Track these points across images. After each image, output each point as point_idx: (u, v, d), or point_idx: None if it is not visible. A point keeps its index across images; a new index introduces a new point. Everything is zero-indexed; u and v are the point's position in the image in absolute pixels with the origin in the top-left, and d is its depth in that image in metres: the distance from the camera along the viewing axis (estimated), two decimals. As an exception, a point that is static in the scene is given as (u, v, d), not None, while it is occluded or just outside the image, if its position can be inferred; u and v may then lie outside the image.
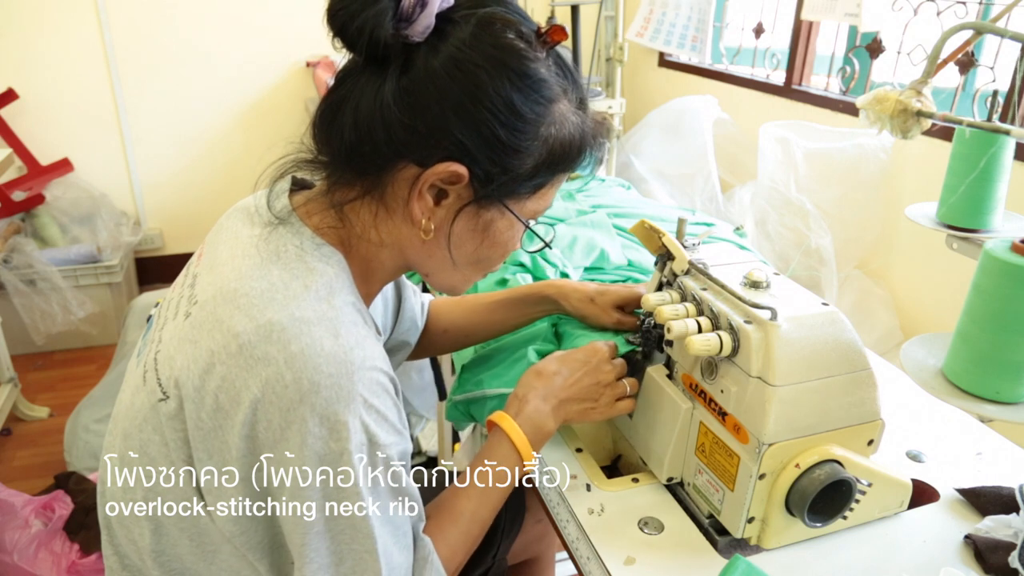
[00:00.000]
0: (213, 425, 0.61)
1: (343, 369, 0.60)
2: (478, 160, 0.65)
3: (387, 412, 0.64)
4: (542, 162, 0.68)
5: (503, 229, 0.72)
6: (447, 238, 0.70)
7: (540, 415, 0.81)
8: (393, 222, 0.70)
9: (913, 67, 2.06)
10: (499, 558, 1.13)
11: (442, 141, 0.64)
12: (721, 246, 1.06)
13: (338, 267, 0.68)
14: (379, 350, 0.66)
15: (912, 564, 0.75)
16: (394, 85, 0.63)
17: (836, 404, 0.73)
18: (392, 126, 0.64)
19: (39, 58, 2.89)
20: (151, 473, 0.66)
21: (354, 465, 0.60)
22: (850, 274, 2.13)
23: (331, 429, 0.59)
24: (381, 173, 0.67)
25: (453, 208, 0.68)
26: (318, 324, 0.61)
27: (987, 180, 0.95)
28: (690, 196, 2.51)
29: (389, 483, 0.65)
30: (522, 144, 0.66)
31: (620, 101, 2.14)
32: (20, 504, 1.69)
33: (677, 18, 2.45)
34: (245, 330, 0.61)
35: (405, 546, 0.68)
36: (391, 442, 0.64)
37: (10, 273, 2.64)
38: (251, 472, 0.62)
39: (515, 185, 0.68)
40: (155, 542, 0.68)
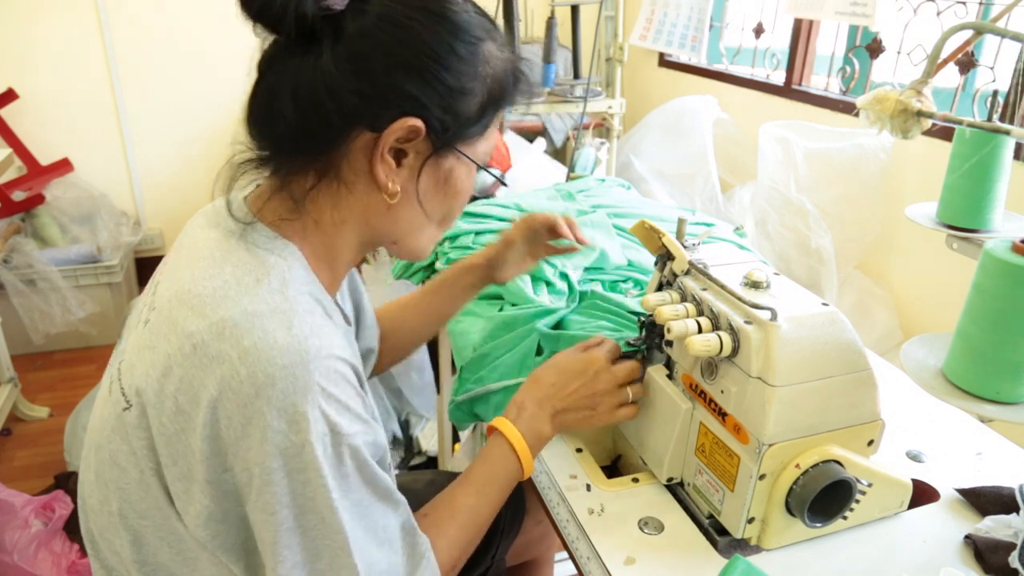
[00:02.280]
0: (176, 429, 0.61)
1: (297, 359, 0.59)
2: (431, 110, 0.65)
3: (348, 401, 0.63)
4: (486, 100, 0.70)
5: (463, 176, 0.73)
6: (416, 196, 0.70)
7: (537, 421, 0.83)
8: (355, 196, 0.69)
9: (913, 67, 2.06)
10: (498, 558, 1.13)
11: (392, 98, 0.64)
12: (721, 246, 1.06)
13: (292, 258, 0.67)
14: (338, 338, 0.65)
15: (912, 564, 0.75)
16: (330, 55, 0.63)
17: (836, 404, 0.73)
18: (340, 95, 0.63)
19: (39, 58, 2.89)
20: (123, 484, 0.65)
21: (317, 456, 0.59)
22: (850, 274, 2.13)
23: (290, 421, 0.58)
24: (333, 150, 0.66)
25: (415, 165, 0.69)
26: (271, 317, 0.60)
27: (987, 180, 0.95)
28: (690, 196, 2.51)
29: (357, 474, 0.63)
30: (467, 86, 0.67)
31: (620, 101, 2.14)
32: (20, 504, 1.69)
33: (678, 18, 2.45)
34: (198, 330, 0.60)
35: (385, 541, 0.66)
36: (355, 431, 0.62)
37: (10, 273, 2.64)
38: (217, 474, 0.61)
39: (467, 129, 0.69)
40: (136, 552, 0.67)
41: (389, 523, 0.67)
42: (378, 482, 0.66)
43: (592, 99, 2.04)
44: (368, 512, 0.65)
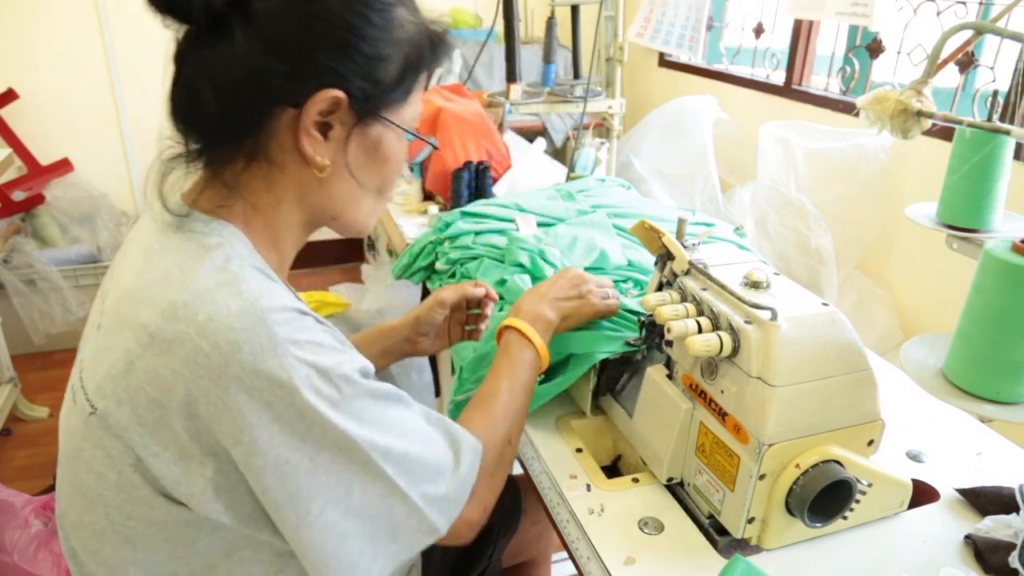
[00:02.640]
0: (154, 418, 0.60)
1: (255, 318, 0.59)
2: (350, 80, 0.66)
3: (319, 339, 0.63)
4: (404, 65, 0.70)
5: (392, 143, 0.73)
6: (347, 168, 0.71)
7: (538, 307, 0.92)
8: (287, 176, 0.70)
9: (913, 67, 2.06)
10: (495, 559, 1.13)
11: (310, 71, 0.64)
12: (721, 246, 1.06)
13: (231, 236, 0.67)
14: (290, 297, 0.65)
15: (912, 564, 0.75)
16: (243, 39, 0.63)
17: (836, 404, 0.73)
18: (256, 76, 0.63)
19: (39, 58, 2.89)
20: (103, 490, 0.64)
21: (307, 399, 0.60)
22: (850, 274, 2.13)
23: (269, 378, 0.59)
24: (259, 132, 0.67)
25: (342, 137, 0.69)
26: (219, 289, 0.61)
27: (987, 180, 0.95)
28: (690, 196, 2.50)
29: (365, 396, 0.64)
30: (383, 52, 0.67)
31: (620, 101, 2.14)
32: (20, 504, 1.69)
33: (676, 18, 2.46)
34: (151, 319, 0.60)
35: (421, 438, 0.68)
36: (340, 361, 0.63)
37: (10, 273, 2.64)
38: (213, 447, 0.61)
39: (388, 95, 0.70)
40: (131, 555, 0.66)
41: (416, 423, 0.69)
42: (385, 393, 0.67)
43: (592, 99, 2.03)
44: (391, 423, 0.66)
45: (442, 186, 1.80)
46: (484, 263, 1.28)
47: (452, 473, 0.70)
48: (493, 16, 1.88)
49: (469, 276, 1.28)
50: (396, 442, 0.65)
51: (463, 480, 0.71)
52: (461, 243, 1.34)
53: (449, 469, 0.70)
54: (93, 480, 0.65)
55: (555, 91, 2.07)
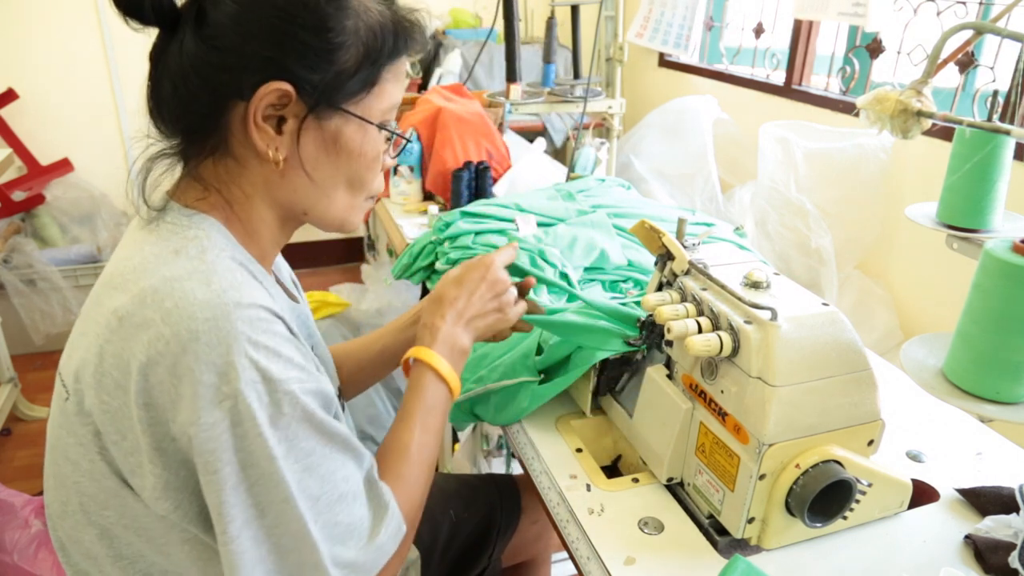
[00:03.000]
0: (118, 404, 0.61)
1: (220, 311, 0.59)
2: (295, 72, 0.65)
3: (279, 347, 0.61)
4: (361, 55, 0.68)
5: (353, 136, 0.70)
6: (301, 162, 0.69)
7: (452, 336, 0.83)
8: (248, 169, 0.69)
9: (913, 67, 2.06)
10: (495, 559, 1.13)
11: (253, 65, 0.64)
12: (721, 246, 1.06)
13: (210, 228, 0.67)
14: (262, 293, 0.64)
15: (912, 564, 0.75)
16: (193, 35, 0.64)
17: (836, 404, 0.73)
18: (203, 71, 0.64)
19: (39, 58, 2.89)
20: (77, 478, 0.65)
21: (250, 404, 0.58)
22: (850, 274, 2.13)
23: (220, 373, 0.57)
24: (217, 126, 0.67)
25: (295, 130, 0.68)
26: (189, 278, 0.61)
27: (987, 180, 0.95)
28: (690, 196, 2.51)
29: (303, 422, 0.61)
30: (332, 41, 0.66)
31: (620, 101, 2.14)
32: (20, 504, 1.69)
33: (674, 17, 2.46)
34: (122, 304, 0.61)
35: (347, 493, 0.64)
36: (290, 377, 0.61)
37: (10, 273, 2.64)
38: (164, 442, 0.60)
39: (344, 85, 0.68)
40: (108, 547, 0.66)
41: (349, 473, 0.65)
42: (331, 430, 0.64)
43: (592, 99, 2.04)
44: (321, 462, 0.63)
45: (442, 186, 1.80)
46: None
47: (367, 540, 0.66)
48: (493, 16, 1.88)
49: None
50: (318, 487, 0.62)
51: (379, 551, 0.67)
52: (461, 243, 1.34)
53: (365, 535, 0.66)
54: (69, 468, 0.65)
55: (555, 91, 2.07)
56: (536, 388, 0.95)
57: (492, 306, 0.87)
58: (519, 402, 0.97)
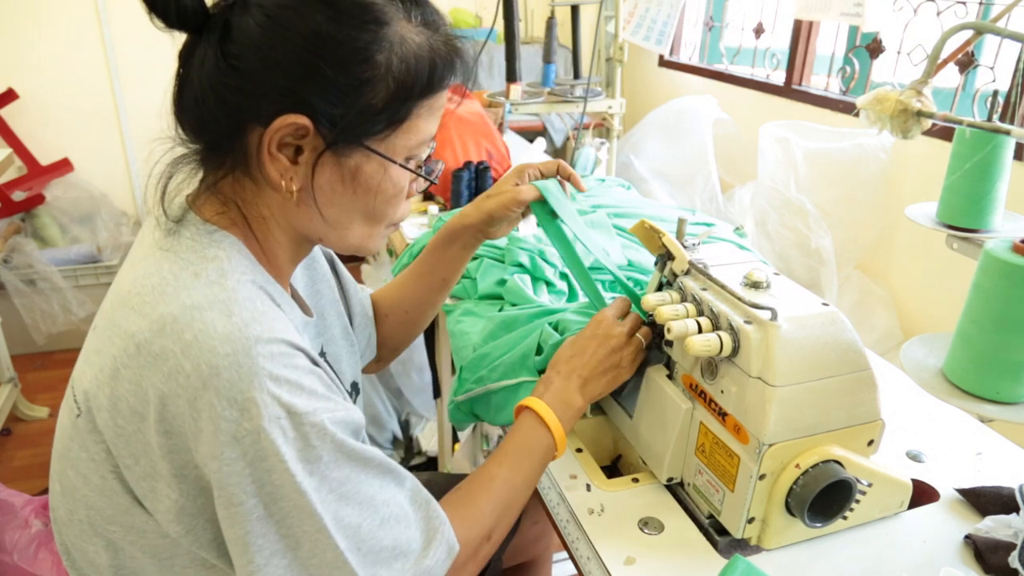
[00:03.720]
0: (132, 429, 0.60)
1: (240, 346, 0.57)
2: (315, 105, 0.62)
3: (302, 381, 0.60)
4: (391, 92, 0.64)
5: (373, 173, 0.67)
6: (311, 195, 0.67)
7: (566, 392, 0.83)
8: (265, 193, 0.67)
9: (913, 67, 2.06)
10: (495, 559, 1.13)
11: (271, 95, 0.61)
12: (721, 246, 1.06)
13: (231, 248, 0.65)
14: (284, 323, 0.63)
15: (912, 564, 0.75)
16: (215, 51, 0.61)
17: (836, 404, 0.73)
18: (220, 92, 0.62)
19: (39, 58, 2.89)
20: (86, 492, 0.64)
21: (274, 440, 0.57)
22: (850, 274, 2.13)
23: (241, 409, 0.56)
24: (235, 146, 0.65)
25: (311, 162, 0.65)
26: (210, 308, 0.59)
27: (987, 180, 0.95)
28: (690, 196, 2.51)
29: (335, 451, 0.60)
30: (358, 77, 0.62)
31: (620, 101, 2.14)
32: (20, 504, 1.69)
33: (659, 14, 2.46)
34: (140, 329, 0.59)
35: (389, 517, 0.63)
36: (315, 408, 0.59)
37: (10, 273, 2.64)
38: (184, 468, 0.59)
39: (368, 123, 0.64)
40: (112, 559, 0.66)
41: (390, 496, 0.64)
42: (365, 456, 0.63)
43: (592, 99, 2.03)
44: (358, 488, 0.62)
45: (442, 186, 1.80)
46: (484, 263, 1.28)
47: (414, 562, 0.64)
48: (493, 16, 1.88)
49: (469, 276, 1.28)
50: (356, 514, 0.61)
51: (426, 573, 0.65)
52: (461, 243, 1.33)
53: (412, 556, 0.64)
54: (79, 481, 0.64)
55: (555, 91, 2.07)
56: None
57: (610, 363, 0.85)
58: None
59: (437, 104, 0.69)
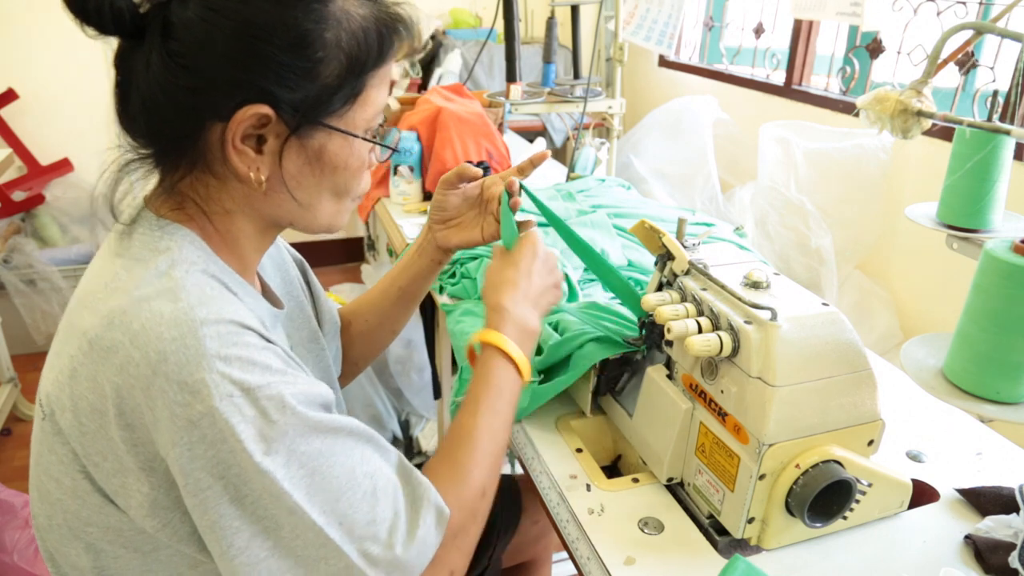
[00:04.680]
0: (95, 427, 0.59)
1: (186, 329, 0.56)
2: (274, 93, 0.61)
3: (253, 356, 0.58)
4: (343, 68, 0.64)
5: (337, 150, 0.67)
6: (283, 182, 0.67)
7: (522, 317, 0.81)
8: (229, 187, 0.67)
9: (913, 67, 2.06)
10: (495, 559, 1.13)
11: (228, 89, 0.60)
12: (721, 246, 1.06)
13: (182, 240, 0.64)
14: (236, 307, 0.61)
15: (912, 564, 0.75)
16: (159, 53, 0.60)
17: (836, 404, 0.73)
18: (173, 94, 0.60)
19: (39, 58, 2.89)
20: (60, 495, 0.64)
21: (228, 420, 0.55)
22: (850, 274, 2.13)
23: (192, 392, 0.55)
24: (193, 145, 0.64)
25: (277, 149, 0.65)
26: (157, 297, 0.58)
27: (987, 180, 0.95)
28: (690, 196, 2.51)
29: (300, 424, 0.58)
30: (311, 58, 0.62)
31: (620, 101, 2.14)
32: (20, 504, 1.69)
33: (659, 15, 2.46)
34: (91, 326, 0.59)
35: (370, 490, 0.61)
36: (270, 381, 0.58)
37: (10, 273, 2.64)
38: (151, 461, 0.59)
39: (327, 102, 0.64)
40: (94, 561, 0.65)
41: (374, 468, 0.62)
42: (339, 426, 0.61)
43: (592, 99, 2.03)
44: (333, 462, 0.60)
45: (442, 186, 1.79)
46: (484, 263, 1.28)
47: (406, 534, 0.62)
48: (493, 16, 1.88)
49: (469, 276, 1.28)
50: (333, 488, 0.59)
51: (421, 544, 0.63)
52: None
53: (401, 529, 0.62)
54: (52, 485, 0.64)
55: (555, 91, 2.07)
56: (536, 388, 0.95)
57: (550, 281, 0.86)
58: (519, 402, 0.97)
59: (386, 73, 0.69)
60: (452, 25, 3.25)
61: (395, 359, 2.19)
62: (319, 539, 0.58)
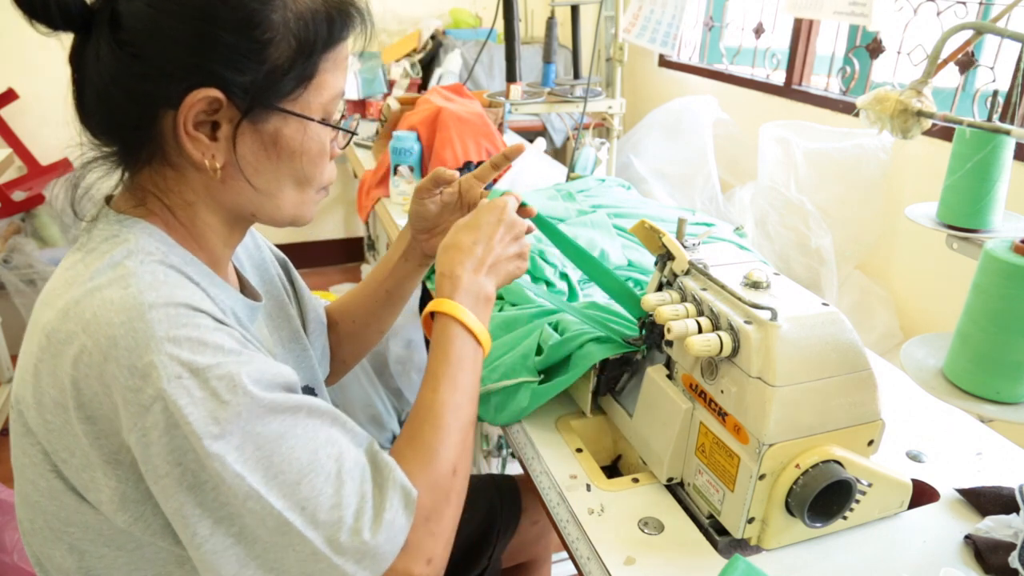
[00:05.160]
0: (60, 423, 0.59)
1: (134, 313, 0.56)
2: (222, 75, 0.61)
3: (204, 337, 0.57)
4: (294, 50, 0.63)
5: (294, 135, 0.67)
6: (239, 168, 0.66)
7: (476, 284, 0.77)
8: (187, 177, 0.66)
9: (913, 67, 2.07)
10: (494, 559, 1.13)
11: (177, 73, 0.60)
12: (721, 246, 1.06)
13: (140, 232, 0.64)
14: (190, 291, 0.60)
15: (912, 564, 0.75)
16: (108, 43, 0.60)
17: (836, 404, 0.73)
18: (124, 83, 0.61)
19: (39, 58, 2.89)
20: (37, 498, 0.63)
21: (177, 402, 0.54)
22: (850, 274, 2.13)
23: (142, 375, 0.54)
24: (149, 133, 0.64)
25: (230, 135, 0.64)
26: (109, 286, 0.58)
27: (987, 180, 0.95)
28: (690, 196, 2.51)
29: (254, 405, 0.56)
30: (258, 39, 0.61)
31: (620, 101, 2.14)
32: (20, 504, 1.69)
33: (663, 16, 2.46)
34: (49, 319, 0.59)
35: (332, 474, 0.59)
36: (220, 361, 0.56)
37: (10, 273, 2.64)
38: (116, 453, 0.58)
39: (277, 84, 0.64)
40: (79, 562, 0.64)
41: (340, 450, 0.61)
42: (294, 406, 0.59)
43: (592, 99, 2.03)
44: (293, 444, 0.58)
45: (442, 186, 1.80)
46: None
47: (372, 518, 0.60)
48: (493, 16, 1.88)
49: None
50: (294, 471, 0.57)
51: (389, 528, 0.61)
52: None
53: (368, 513, 0.60)
54: (30, 488, 0.64)
55: (555, 91, 2.07)
56: (536, 388, 0.95)
57: (513, 250, 0.82)
58: (519, 402, 0.97)
59: (340, 56, 0.68)
60: (452, 25, 3.25)
61: (395, 359, 2.19)
62: (281, 526, 0.57)
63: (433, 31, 3.05)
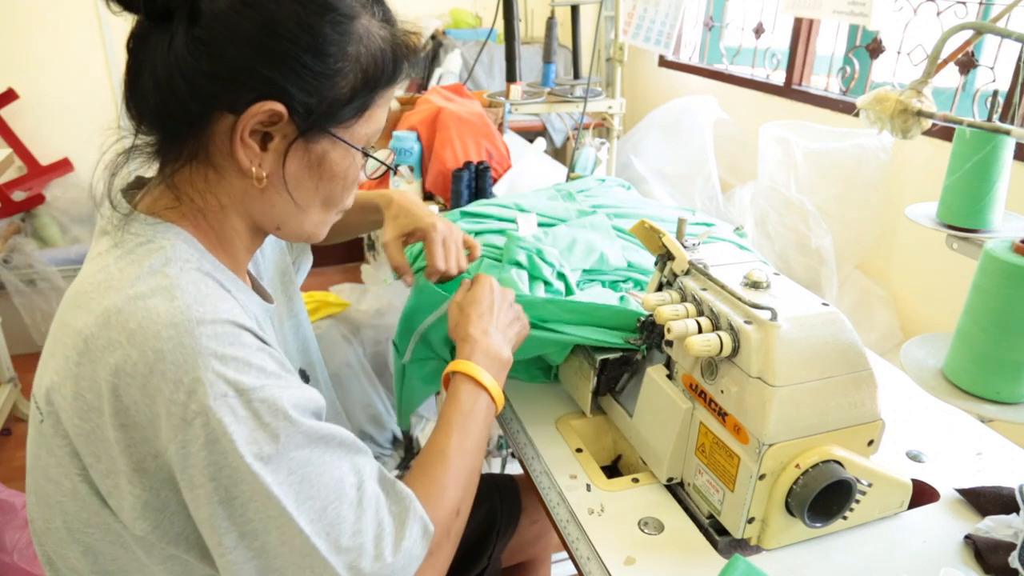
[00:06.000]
0: (91, 427, 0.59)
1: (183, 328, 0.57)
2: (291, 93, 0.63)
3: (249, 358, 0.59)
4: (358, 82, 0.66)
5: (338, 160, 0.69)
6: (284, 182, 0.68)
7: (492, 347, 0.84)
8: (227, 180, 0.67)
9: (913, 67, 2.07)
10: (494, 559, 1.13)
11: (248, 82, 0.61)
12: (721, 246, 1.06)
13: (175, 238, 0.65)
14: (230, 305, 0.62)
15: (912, 564, 0.75)
16: (184, 36, 0.61)
17: (836, 404, 0.73)
18: (193, 78, 0.61)
19: (39, 58, 2.89)
20: (59, 498, 0.64)
21: (221, 420, 0.55)
22: (850, 274, 2.13)
23: (188, 391, 0.56)
24: (198, 133, 0.65)
25: (281, 149, 0.66)
26: (152, 296, 0.59)
27: (987, 180, 0.95)
28: (690, 196, 2.51)
29: (290, 429, 0.58)
30: (332, 66, 0.64)
31: (620, 101, 2.14)
32: (20, 504, 1.69)
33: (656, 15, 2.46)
34: (86, 324, 0.59)
35: (356, 500, 0.61)
36: (264, 384, 0.58)
37: (10, 273, 2.64)
38: (143, 460, 0.59)
39: (337, 111, 0.66)
40: (93, 564, 0.65)
41: (361, 480, 0.63)
42: (328, 435, 0.61)
43: (592, 99, 2.03)
44: (322, 471, 0.60)
45: (442, 186, 1.80)
46: (483, 263, 1.28)
47: (392, 546, 0.62)
48: (493, 16, 1.88)
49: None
50: (322, 497, 0.60)
51: (407, 556, 0.63)
52: (461, 243, 1.33)
53: (387, 540, 0.62)
54: (51, 488, 0.64)
55: (555, 91, 2.07)
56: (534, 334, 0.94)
57: (513, 314, 0.90)
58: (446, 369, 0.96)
59: (391, 95, 0.72)
60: (452, 25, 3.25)
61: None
62: (305, 547, 0.59)
63: (433, 31, 3.05)
